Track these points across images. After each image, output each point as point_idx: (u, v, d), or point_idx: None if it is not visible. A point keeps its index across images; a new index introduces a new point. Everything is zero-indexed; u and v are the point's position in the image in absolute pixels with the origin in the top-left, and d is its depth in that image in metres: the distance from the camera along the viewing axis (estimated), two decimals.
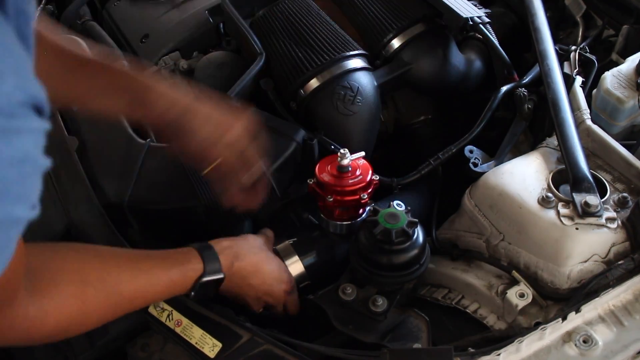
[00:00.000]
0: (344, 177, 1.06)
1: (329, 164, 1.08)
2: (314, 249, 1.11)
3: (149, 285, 0.89)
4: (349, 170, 1.06)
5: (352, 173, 1.06)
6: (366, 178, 1.06)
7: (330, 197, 1.06)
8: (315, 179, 1.07)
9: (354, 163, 1.07)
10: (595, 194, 0.97)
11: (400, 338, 0.98)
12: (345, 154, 1.05)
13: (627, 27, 1.33)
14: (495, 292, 1.00)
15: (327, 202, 1.06)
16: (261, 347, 0.93)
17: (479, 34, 1.33)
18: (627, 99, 1.13)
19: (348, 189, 1.05)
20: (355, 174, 1.06)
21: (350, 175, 1.06)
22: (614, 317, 0.89)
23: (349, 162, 1.05)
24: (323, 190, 1.07)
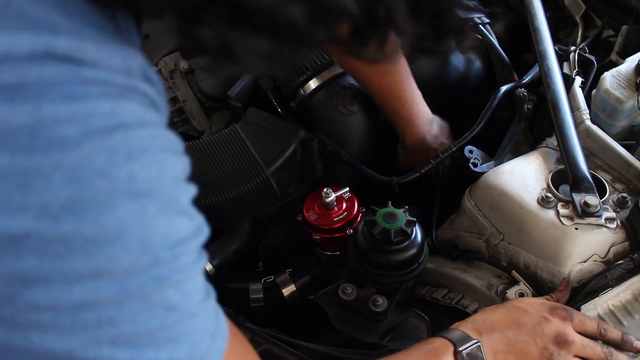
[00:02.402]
0: (329, 214, 1.11)
1: (315, 201, 1.12)
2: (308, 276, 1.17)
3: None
4: (334, 207, 1.10)
5: (338, 209, 1.11)
6: (352, 212, 1.10)
7: (317, 235, 1.11)
8: (302, 217, 1.11)
9: (340, 197, 1.10)
10: (594, 194, 0.97)
11: (400, 338, 0.98)
12: (329, 192, 1.08)
13: (627, 28, 1.33)
14: (495, 291, 1.00)
15: (315, 238, 1.11)
16: (261, 347, 0.93)
17: (479, 34, 1.33)
18: (627, 99, 1.13)
19: (334, 226, 1.10)
20: (341, 210, 1.11)
21: (336, 211, 1.11)
22: (613, 317, 0.89)
23: (333, 199, 1.09)
24: (310, 228, 1.10)
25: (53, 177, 0.41)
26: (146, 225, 0.45)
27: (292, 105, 1.29)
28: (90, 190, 0.43)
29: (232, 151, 1.13)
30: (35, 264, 0.42)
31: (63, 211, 0.42)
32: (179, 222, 0.49)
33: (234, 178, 1.11)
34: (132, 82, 0.48)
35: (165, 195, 0.48)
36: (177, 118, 1.36)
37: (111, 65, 0.46)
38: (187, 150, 0.98)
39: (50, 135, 0.42)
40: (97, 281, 0.44)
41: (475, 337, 0.80)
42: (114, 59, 0.47)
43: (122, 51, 0.48)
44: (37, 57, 0.42)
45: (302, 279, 1.17)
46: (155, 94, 0.51)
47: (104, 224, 0.43)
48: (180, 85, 1.39)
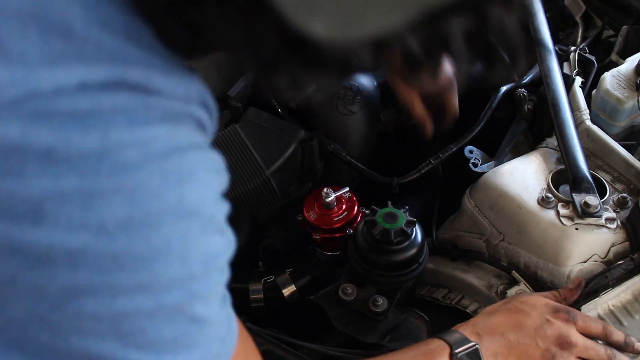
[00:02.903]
0: (329, 214, 1.10)
1: (315, 201, 1.12)
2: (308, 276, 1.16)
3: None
4: (334, 207, 1.10)
5: (338, 209, 1.11)
6: (352, 213, 1.09)
7: (317, 234, 1.10)
8: (302, 217, 1.10)
9: (340, 197, 1.10)
10: (594, 194, 0.97)
11: (400, 338, 0.98)
12: (329, 192, 1.08)
13: (627, 28, 1.33)
14: (495, 292, 1.00)
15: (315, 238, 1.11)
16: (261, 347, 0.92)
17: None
18: (627, 100, 1.13)
19: (334, 226, 1.09)
20: (341, 210, 1.11)
21: (336, 211, 1.10)
22: (613, 317, 0.89)
23: (333, 199, 1.09)
24: (310, 227, 1.10)
25: (113, 199, 0.45)
26: (188, 243, 0.49)
27: (293, 105, 1.28)
28: (144, 210, 0.46)
29: (232, 151, 1.13)
30: (87, 278, 0.45)
31: (118, 230, 0.45)
32: (215, 240, 0.52)
33: (234, 178, 1.10)
34: (189, 108, 0.51)
35: (208, 215, 0.51)
36: None
37: (173, 92, 0.49)
38: None
39: (115, 159, 0.45)
40: (139, 295, 0.47)
41: (474, 339, 0.80)
42: (176, 86, 0.50)
43: (184, 78, 0.51)
44: (111, 85, 0.45)
45: (302, 279, 1.17)
46: (207, 118, 0.54)
47: (151, 242, 0.46)
48: None
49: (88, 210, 0.44)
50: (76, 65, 0.44)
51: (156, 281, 0.47)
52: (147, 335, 0.48)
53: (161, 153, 0.47)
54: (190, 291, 0.49)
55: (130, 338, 0.48)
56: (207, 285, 0.51)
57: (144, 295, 0.47)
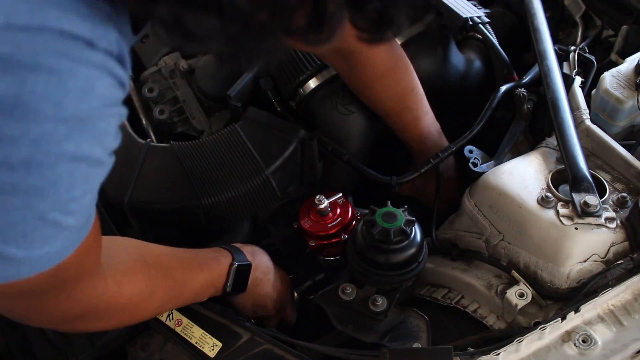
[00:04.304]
0: (324, 221, 1.11)
1: (310, 208, 1.13)
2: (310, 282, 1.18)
3: (194, 276, 0.95)
4: (328, 213, 1.10)
5: (332, 215, 1.11)
6: (347, 218, 1.10)
7: (312, 241, 1.11)
8: (298, 224, 1.11)
9: (333, 203, 1.10)
10: (594, 194, 0.97)
11: (400, 338, 0.98)
12: (321, 199, 1.08)
13: (627, 28, 1.33)
14: (495, 291, 1.00)
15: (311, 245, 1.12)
16: (261, 347, 0.93)
17: (479, 34, 1.33)
18: (627, 99, 1.13)
19: (329, 232, 1.10)
20: (336, 215, 1.11)
21: (331, 217, 1.11)
22: (613, 316, 0.89)
23: (326, 205, 1.09)
24: (306, 235, 1.10)
25: (20, 141, 0.53)
26: (74, 178, 0.58)
27: (292, 105, 1.29)
28: (44, 154, 0.54)
29: (232, 151, 1.13)
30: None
31: (19, 165, 0.54)
32: (97, 171, 0.62)
33: (234, 178, 1.11)
34: (108, 63, 0.56)
35: (95, 159, 0.60)
36: (177, 118, 1.36)
37: (97, 42, 0.54)
38: (187, 150, 1.01)
39: (28, 108, 0.52)
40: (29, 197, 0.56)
41: (249, 259, 1.02)
42: (100, 37, 0.54)
43: (109, 31, 0.55)
44: (35, 29, 0.50)
45: (304, 285, 1.18)
46: (124, 75, 0.59)
47: (45, 176, 0.56)
48: (180, 84, 1.39)
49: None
50: (4, 4, 0.49)
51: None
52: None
53: (73, 110, 0.54)
54: (66, 209, 0.59)
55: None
56: (80, 206, 0.61)
57: (31, 197, 0.56)
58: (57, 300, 0.72)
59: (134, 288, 0.83)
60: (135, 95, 1.36)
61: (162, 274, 0.89)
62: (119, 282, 0.80)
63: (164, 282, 0.89)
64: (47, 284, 0.65)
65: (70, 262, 0.64)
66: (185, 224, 1.18)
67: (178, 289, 0.92)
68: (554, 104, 1.10)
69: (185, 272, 0.93)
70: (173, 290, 0.92)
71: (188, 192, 1.09)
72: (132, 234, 1.14)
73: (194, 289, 0.95)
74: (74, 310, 0.76)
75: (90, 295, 0.75)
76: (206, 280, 0.97)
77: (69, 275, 0.68)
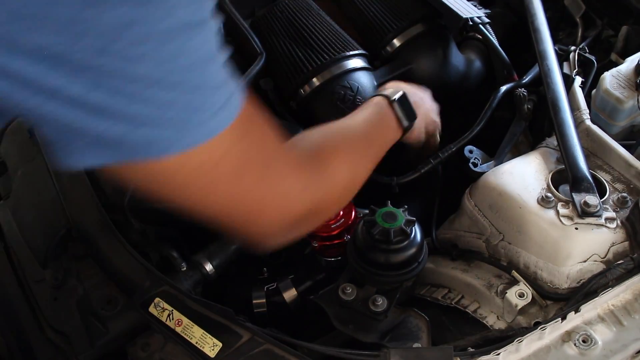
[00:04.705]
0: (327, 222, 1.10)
1: None
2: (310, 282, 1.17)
3: (372, 132, 0.98)
4: None
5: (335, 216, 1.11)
6: (350, 219, 1.10)
7: (315, 242, 1.12)
8: None
9: None
10: (594, 194, 0.97)
11: (400, 338, 0.98)
12: None
13: (627, 28, 1.33)
14: (495, 291, 1.01)
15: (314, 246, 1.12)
16: (261, 347, 0.93)
17: (479, 34, 1.34)
18: (627, 99, 1.13)
19: (332, 233, 1.10)
20: (338, 216, 1.11)
21: (333, 218, 1.11)
22: (613, 316, 0.89)
23: None
24: (309, 235, 1.11)
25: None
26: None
27: (292, 105, 1.29)
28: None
29: None
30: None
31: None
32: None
33: None
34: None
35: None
36: None
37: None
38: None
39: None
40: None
41: (397, 89, 1.03)
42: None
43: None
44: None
45: (304, 285, 1.17)
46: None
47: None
48: None
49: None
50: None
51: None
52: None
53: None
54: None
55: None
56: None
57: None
58: (260, 187, 0.70)
59: (341, 170, 0.83)
60: None
61: (350, 146, 0.89)
62: (326, 170, 0.80)
63: (356, 152, 0.90)
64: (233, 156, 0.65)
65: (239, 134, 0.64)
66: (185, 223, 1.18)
67: (369, 151, 0.95)
68: (554, 104, 1.10)
69: (365, 134, 0.95)
70: (366, 154, 0.93)
71: None
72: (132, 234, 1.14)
73: (379, 143, 0.98)
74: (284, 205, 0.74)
75: (290, 187, 0.73)
76: (382, 130, 1.00)
77: (251, 156, 0.67)
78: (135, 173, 0.64)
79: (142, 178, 0.65)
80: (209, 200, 0.71)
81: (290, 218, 0.76)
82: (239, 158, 0.67)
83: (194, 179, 0.65)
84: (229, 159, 0.66)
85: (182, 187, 0.67)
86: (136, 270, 1.04)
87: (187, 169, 0.63)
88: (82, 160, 0.58)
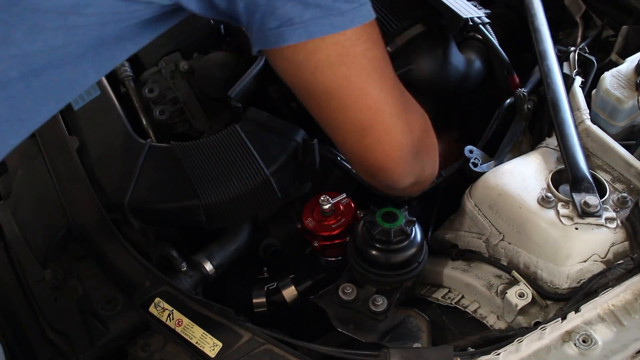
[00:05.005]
0: (327, 221, 1.11)
1: (313, 208, 1.12)
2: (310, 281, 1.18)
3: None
4: (332, 214, 1.10)
5: (335, 216, 1.11)
6: (350, 219, 1.10)
7: (316, 242, 1.12)
8: (301, 224, 1.11)
9: (337, 203, 1.10)
10: (594, 194, 0.97)
11: (400, 338, 0.98)
12: (326, 199, 1.09)
13: (627, 28, 1.33)
14: (495, 291, 1.00)
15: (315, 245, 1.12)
16: (261, 347, 0.93)
17: (479, 34, 1.33)
18: (627, 99, 1.13)
19: (333, 233, 1.10)
20: (339, 217, 1.11)
21: (334, 218, 1.11)
22: (613, 316, 0.89)
23: (330, 206, 1.09)
24: (309, 235, 1.10)
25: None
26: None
27: (293, 105, 1.29)
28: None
29: (233, 151, 1.13)
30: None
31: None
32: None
33: (234, 178, 1.11)
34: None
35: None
36: (178, 118, 1.36)
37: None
38: (187, 150, 1.02)
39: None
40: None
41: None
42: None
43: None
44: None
45: (305, 284, 1.17)
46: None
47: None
48: (181, 85, 1.39)
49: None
50: None
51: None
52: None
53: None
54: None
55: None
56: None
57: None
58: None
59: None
60: (136, 95, 1.36)
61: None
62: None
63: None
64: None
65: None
66: (185, 224, 1.18)
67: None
68: (554, 104, 1.10)
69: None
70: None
71: (188, 192, 1.09)
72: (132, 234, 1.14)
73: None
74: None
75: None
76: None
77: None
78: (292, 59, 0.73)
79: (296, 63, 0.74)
80: (348, 100, 0.78)
81: (411, 146, 0.83)
82: (374, 61, 0.76)
83: (339, 67, 0.74)
84: (368, 56, 0.75)
85: (328, 75, 0.75)
86: (136, 270, 1.04)
87: (332, 52, 0.72)
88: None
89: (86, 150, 1.20)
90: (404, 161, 0.85)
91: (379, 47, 0.78)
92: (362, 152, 0.83)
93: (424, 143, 0.89)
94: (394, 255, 0.97)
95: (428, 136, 0.91)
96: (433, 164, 0.96)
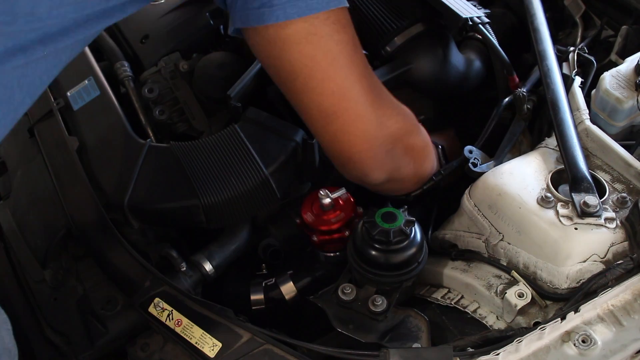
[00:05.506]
0: (326, 216, 1.11)
1: (313, 202, 1.12)
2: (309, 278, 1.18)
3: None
4: (331, 209, 1.10)
5: (334, 210, 1.11)
6: (349, 214, 1.09)
7: (315, 236, 1.11)
8: (300, 219, 1.10)
9: (337, 198, 1.10)
10: (594, 194, 0.97)
11: (399, 338, 0.98)
12: (325, 194, 1.09)
13: (626, 28, 1.33)
14: (495, 292, 1.01)
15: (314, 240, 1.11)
16: (261, 347, 0.93)
17: (479, 34, 1.33)
18: (626, 99, 1.13)
19: (332, 227, 1.10)
20: (338, 212, 1.11)
21: (334, 212, 1.11)
22: (612, 317, 0.89)
23: (330, 201, 1.08)
24: (308, 230, 1.09)
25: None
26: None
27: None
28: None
29: (232, 151, 1.13)
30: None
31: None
32: None
33: (234, 178, 1.11)
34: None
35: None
36: (177, 118, 1.36)
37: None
38: (187, 150, 1.03)
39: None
40: None
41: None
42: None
43: None
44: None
45: (303, 281, 1.17)
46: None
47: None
48: (180, 85, 1.39)
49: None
50: None
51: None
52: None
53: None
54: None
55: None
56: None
57: None
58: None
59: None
60: (135, 95, 1.37)
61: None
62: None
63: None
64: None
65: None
66: (185, 224, 1.18)
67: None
68: (553, 104, 1.10)
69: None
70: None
71: (188, 192, 1.10)
72: (132, 234, 1.14)
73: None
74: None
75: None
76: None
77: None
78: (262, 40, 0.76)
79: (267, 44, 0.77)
80: (312, 82, 0.80)
81: (382, 141, 0.84)
82: (341, 44, 0.77)
83: (305, 45, 0.76)
84: (336, 38, 0.76)
85: (295, 56, 0.77)
86: (136, 270, 1.04)
87: (301, 29, 0.74)
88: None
89: (86, 150, 1.20)
90: (372, 154, 0.85)
91: (349, 33, 0.79)
92: (329, 139, 0.84)
93: (403, 142, 0.89)
94: (393, 255, 0.97)
95: (411, 137, 0.91)
96: (415, 166, 0.96)
